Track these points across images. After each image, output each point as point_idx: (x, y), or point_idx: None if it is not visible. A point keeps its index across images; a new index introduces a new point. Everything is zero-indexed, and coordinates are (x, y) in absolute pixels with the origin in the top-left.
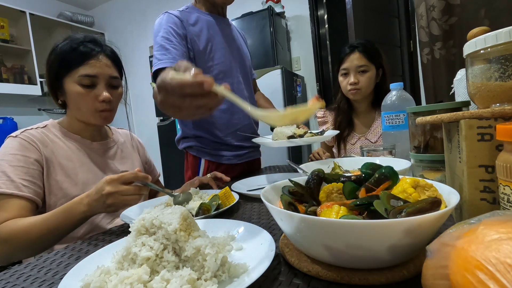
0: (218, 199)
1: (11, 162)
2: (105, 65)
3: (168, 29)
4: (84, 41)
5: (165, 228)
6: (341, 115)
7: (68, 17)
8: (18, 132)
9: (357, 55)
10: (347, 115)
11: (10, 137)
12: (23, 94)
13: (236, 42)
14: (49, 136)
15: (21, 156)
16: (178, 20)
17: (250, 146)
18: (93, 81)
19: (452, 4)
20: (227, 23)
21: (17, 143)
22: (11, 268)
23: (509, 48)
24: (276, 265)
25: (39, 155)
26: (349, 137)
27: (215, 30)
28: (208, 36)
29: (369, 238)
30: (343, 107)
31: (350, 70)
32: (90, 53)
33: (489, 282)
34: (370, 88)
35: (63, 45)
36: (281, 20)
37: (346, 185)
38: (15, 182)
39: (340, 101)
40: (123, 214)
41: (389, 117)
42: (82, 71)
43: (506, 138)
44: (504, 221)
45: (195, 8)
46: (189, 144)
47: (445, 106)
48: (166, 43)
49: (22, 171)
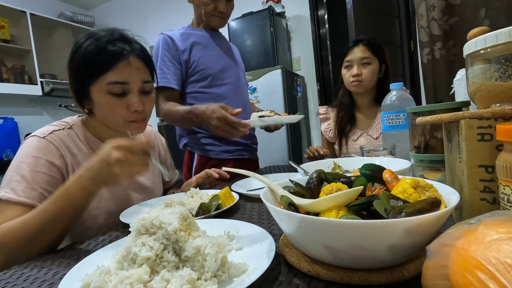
0: (218, 199)
1: (34, 166)
2: (137, 68)
3: (163, 51)
4: (111, 39)
5: (165, 228)
6: (343, 110)
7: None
8: (45, 132)
9: (361, 47)
10: (349, 110)
11: (35, 136)
12: (24, 94)
13: (228, 51)
14: (74, 140)
15: (45, 161)
16: (170, 41)
17: (242, 143)
18: (124, 89)
19: (452, 4)
20: (220, 36)
21: (44, 145)
22: (11, 268)
23: (509, 48)
24: (276, 265)
25: (63, 163)
26: (351, 133)
27: (206, 41)
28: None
29: (369, 238)
30: (345, 102)
31: (353, 62)
32: (119, 54)
33: (489, 282)
34: (373, 82)
35: (87, 45)
36: (281, 20)
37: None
38: (36, 191)
39: (342, 96)
40: (123, 214)
41: (389, 117)
42: (111, 77)
43: (506, 138)
44: (504, 221)
45: (190, 27)
46: (186, 141)
47: (445, 106)
48: (161, 63)
49: (44, 178)
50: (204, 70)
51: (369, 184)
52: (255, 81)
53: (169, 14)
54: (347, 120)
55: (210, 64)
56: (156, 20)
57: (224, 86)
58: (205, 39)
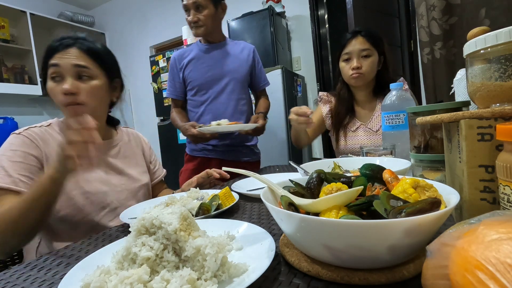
0: (218, 199)
1: (11, 158)
2: (73, 55)
3: (170, 68)
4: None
5: (165, 228)
6: (341, 104)
7: (69, 17)
8: (22, 130)
9: (360, 39)
10: (348, 104)
11: (13, 134)
12: (24, 94)
13: (222, 61)
14: (52, 135)
15: (21, 152)
16: (174, 58)
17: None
18: (57, 72)
19: (453, 4)
20: (220, 46)
21: (19, 140)
22: (11, 268)
23: (509, 48)
24: (276, 265)
25: (40, 152)
26: (350, 125)
27: (200, 55)
28: (192, 62)
29: (369, 238)
30: (344, 95)
31: (352, 54)
32: (60, 46)
33: (489, 282)
34: (373, 74)
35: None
36: (281, 20)
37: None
38: (12, 177)
39: (341, 89)
40: (123, 214)
41: (389, 117)
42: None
43: (506, 138)
44: (504, 221)
45: (196, 43)
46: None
47: (445, 106)
48: (168, 78)
49: (20, 166)
50: (192, 82)
51: (369, 184)
52: None
53: (169, 15)
54: (344, 114)
55: (198, 76)
56: (156, 20)
57: (206, 95)
58: (200, 53)
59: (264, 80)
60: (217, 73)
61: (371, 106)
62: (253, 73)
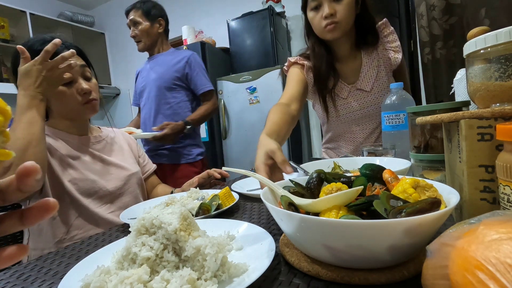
0: (218, 199)
1: None
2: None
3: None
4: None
5: (165, 228)
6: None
7: (69, 17)
8: None
9: None
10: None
11: None
12: None
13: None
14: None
15: None
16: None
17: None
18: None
19: (453, 4)
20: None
21: None
22: (11, 268)
23: (509, 48)
24: (276, 265)
25: None
26: (338, 89)
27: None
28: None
29: (369, 238)
30: (319, 51)
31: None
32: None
33: (489, 282)
34: (351, 21)
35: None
36: (281, 20)
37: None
38: None
39: (314, 46)
40: (123, 214)
41: (389, 117)
42: None
43: (506, 138)
44: (504, 221)
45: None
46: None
47: (445, 106)
48: None
49: None
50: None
51: (369, 184)
52: (255, 81)
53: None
54: (326, 70)
55: (136, 88)
56: None
57: (141, 103)
58: (145, 66)
59: (202, 84)
60: (145, 83)
61: (356, 63)
62: (188, 78)
